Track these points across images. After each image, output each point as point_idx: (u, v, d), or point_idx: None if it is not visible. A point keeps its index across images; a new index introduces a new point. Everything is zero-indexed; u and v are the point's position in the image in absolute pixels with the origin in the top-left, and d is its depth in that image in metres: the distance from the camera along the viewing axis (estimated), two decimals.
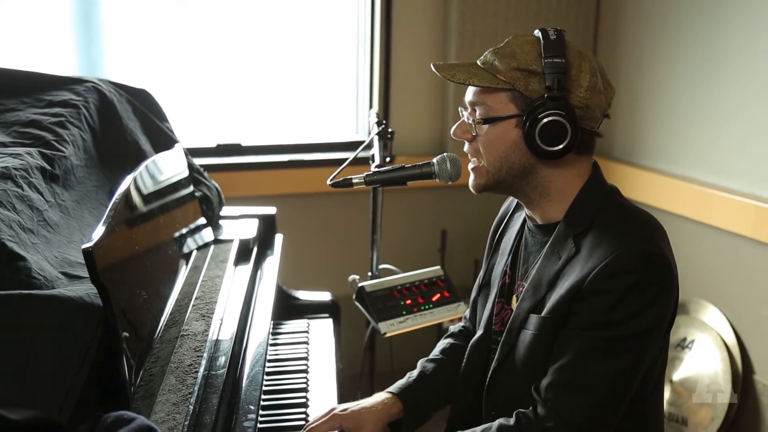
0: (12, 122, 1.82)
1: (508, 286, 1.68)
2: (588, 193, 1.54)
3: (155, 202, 1.66)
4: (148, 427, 1.01)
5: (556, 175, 1.53)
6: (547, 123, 1.45)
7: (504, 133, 1.51)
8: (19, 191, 1.47)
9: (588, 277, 1.44)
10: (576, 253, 1.49)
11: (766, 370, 2.99)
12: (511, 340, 1.57)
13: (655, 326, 1.46)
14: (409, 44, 3.56)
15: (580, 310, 1.46)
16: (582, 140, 1.49)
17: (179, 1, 3.34)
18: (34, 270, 1.27)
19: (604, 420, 1.47)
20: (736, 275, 3.08)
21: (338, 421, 1.64)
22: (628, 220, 1.52)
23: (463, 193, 1.77)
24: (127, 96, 2.17)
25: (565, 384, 1.46)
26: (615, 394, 1.46)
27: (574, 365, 1.46)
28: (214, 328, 1.56)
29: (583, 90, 1.47)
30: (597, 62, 1.52)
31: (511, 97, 1.50)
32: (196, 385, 1.33)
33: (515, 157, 1.52)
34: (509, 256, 1.68)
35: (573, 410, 1.45)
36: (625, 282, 1.42)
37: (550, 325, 1.49)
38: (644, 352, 1.46)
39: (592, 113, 1.50)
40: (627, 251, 1.43)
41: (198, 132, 3.42)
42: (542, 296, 1.53)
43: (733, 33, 3.02)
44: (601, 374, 1.44)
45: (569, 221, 1.53)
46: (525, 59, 1.48)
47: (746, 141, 3.01)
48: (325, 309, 2.38)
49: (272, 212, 2.37)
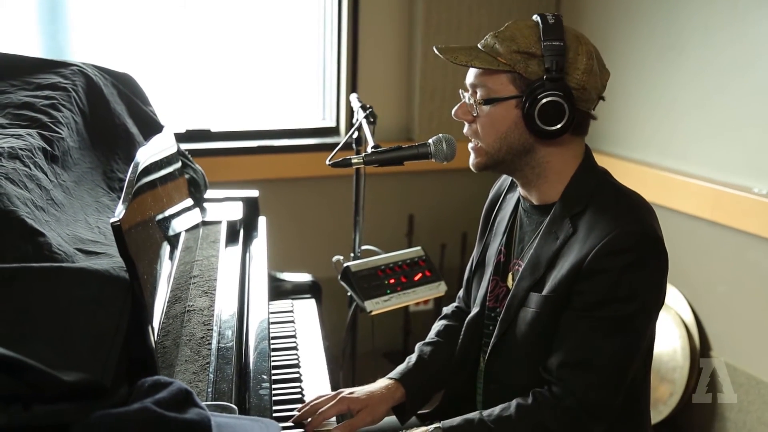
0: (5, 104, 1.82)
1: (503, 264, 1.74)
2: (583, 174, 1.61)
3: (158, 185, 1.69)
4: (185, 389, 1.06)
5: (554, 154, 1.60)
6: (546, 103, 1.52)
7: (504, 113, 1.58)
8: (28, 170, 1.49)
9: (588, 256, 1.51)
10: (573, 233, 1.56)
11: (722, 346, 3.13)
12: (511, 317, 1.63)
13: (654, 302, 1.55)
14: (375, 32, 3.62)
15: (582, 289, 1.52)
16: (578, 121, 1.57)
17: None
18: (55, 246, 1.29)
19: (614, 396, 1.55)
20: (695, 256, 3.21)
21: (346, 403, 1.69)
22: (623, 202, 1.59)
23: (429, 178, 1.84)
24: (111, 80, 2.18)
25: (576, 363, 1.53)
26: (622, 370, 1.54)
27: (584, 345, 1.52)
28: (219, 304, 1.61)
29: (580, 72, 1.55)
30: (593, 46, 1.59)
31: (511, 79, 1.56)
32: (212, 356, 1.38)
33: (514, 137, 1.58)
34: (504, 235, 1.75)
35: (587, 388, 1.52)
36: (624, 260, 1.49)
37: (552, 303, 1.56)
38: (645, 328, 1.55)
39: (588, 95, 1.57)
40: (624, 231, 1.50)
41: (167, 117, 3.41)
42: (541, 275, 1.59)
43: (690, 24, 3.15)
44: (609, 352, 1.51)
45: (565, 202, 1.60)
46: (525, 42, 1.54)
47: (704, 128, 3.14)
48: (307, 290, 2.43)
49: (255, 195, 2.41)
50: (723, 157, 3.05)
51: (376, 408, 1.70)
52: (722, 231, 3.04)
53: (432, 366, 1.82)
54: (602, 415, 1.53)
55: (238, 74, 3.57)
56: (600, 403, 1.53)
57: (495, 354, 1.68)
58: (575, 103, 1.54)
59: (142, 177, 1.51)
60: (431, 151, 1.74)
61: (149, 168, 1.64)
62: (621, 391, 1.55)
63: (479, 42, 1.61)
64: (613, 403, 1.55)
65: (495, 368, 1.68)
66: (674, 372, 3.20)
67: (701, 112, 3.14)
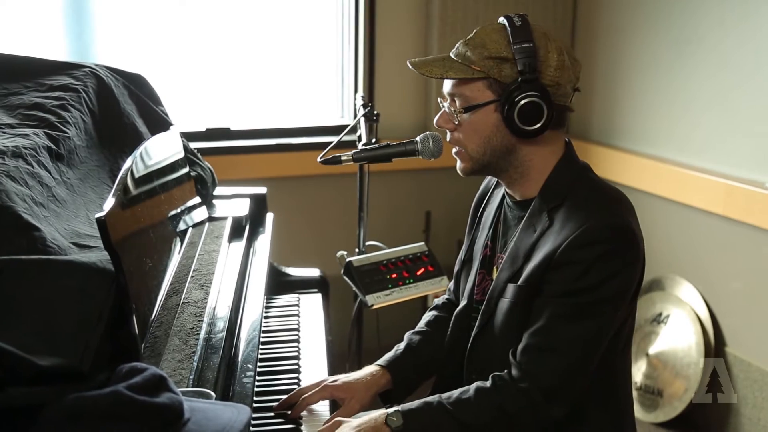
0: (16, 105, 1.90)
1: (489, 258, 1.79)
2: (561, 170, 1.66)
3: (155, 180, 1.76)
4: (159, 375, 1.12)
5: (535, 152, 1.64)
6: (524, 104, 1.56)
7: (484, 118, 1.62)
8: (30, 168, 1.56)
9: (560, 248, 1.55)
10: (549, 226, 1.60)
11: (737, 341, 3.13)
12: (491, 308, 1.68)
13: (621, 293, 1.58)
14: (392, 30, 3.67)
15: (552, 278, 1.57)
16: (556, 116, 1.60)
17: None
18: (49, 240, 1.37)
19: (574, 380, 1.58)
20: (709, 251, 3.21)
21: (329, 391, 1.75)
22: (598, 196, 1.63)
23: (446, 175, 1.89)
24: (123, 81, 2.25)
25: (538, 347, 1.57)
26: (584, 356, 1.57)
27: (546, 330, 1.57)
28: (213, 296, 1.67)
29: (553, 69, 1.59)
30: (561, 41, 1.63)
31: (487, 85, 1.61)
32: (198, 345, 1.44)
33: (497, 140, 1.63)
34: (490, 230, 1.79)
35: (545, 371, 1.56)
36: (594, 252, 1.53)
37: (525, 293, 1.60)
38: (611, 317, 1.58)
39: (563, 89, 1.61)
40: (596, 224, 1.55)
41: (188, 116, 3.51)
42: (519, 267, 1.64)
43: (705, 18, 3.14)
44: (571, 338, 1.56)
45: (544, 197, 1.65)
46: (495, 48, 1.59)
47: (716, 122, 3.14)
48: (315, 285, 2.48)
49: (263, 192, 2.47)
50: (736, 153, 3.05)
51: (362, 395, 1.75)
52: (736, 226, 3.04)
53: (419, 354, 1.86)
54: (560, 399, 1.57)
55: (257, 73, 3.64)
56: (558, 387, 1.56)
57: (476, 344, 1.72)
58: (552, 99, 1.58)
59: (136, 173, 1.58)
60: (418, 148, 1.79)
61: (146, 165, 1.71)
62: (583, 375, 1.59)
63: (451, 51, 1.65)
64: (573, 387, 1.58)
65: (477, 358, 1.72)
66: (689, 368, 3.20)
67: (716, 107, 3.13)
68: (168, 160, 1.93)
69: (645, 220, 1.72)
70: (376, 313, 2.53)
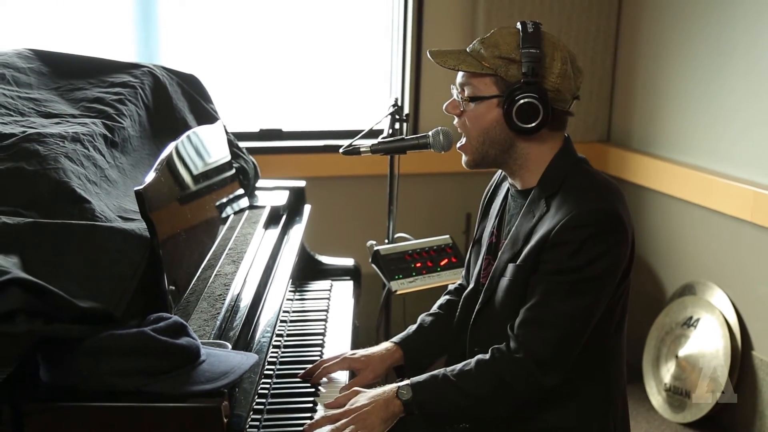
0: (80, 99, 2.15)
1: (494, 244, 1.94)
2: (558, 161, 1.81)
3: (196, 164, 1.96)
4: (181, 322, 1.32)
5: (532, 148, 1.80)
6: (523, 104, 1.72)
7: (487, 110, 1.79)
8: (86, 152, 1.79)
9: (553, 230, 1.71)
10: (546, 212, 1.76)
11: (764, 345, 3.19)
12: (493, 287, 1.85)
13: (609, 272, 1.73)
14: (438, 40, 3.83)
15: (546, 258, 1.73)
16: (554, 119, 1.76)
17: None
18: (98, 211, 1.59)
19: (564, 352, 1.73)
20: (737, 257, 3.28)
21: (348, 362, 1.94)
22: (591, 185, 1.79)
23: (485, 179, 2.07)
24: (177, 80, 2.49)
25: (532, 321, 1.73)
26: (574, 329, 1.72)
27: (540, 305, 1.73)
28: (243, 270, 1.87)
29: (555, 76, 1.74)
30: (569, 51, 1.79)
31: (494, 81, 1.77)
32: (223, 308, 1.64)
33: (496, 133, 1.79)
34: (496, 218, 1.96)
35: (539, 343, 1.72)
36: (583, 234, 1.69)
37: (523, 271, 1.77)
38: (599, 294, 1.73)
39: (563, 96, 1.77)
40: (586, 209, 1.71)
41: (242, 117, 3.74)
42: (519, 249, 1.80)
43: (739, 30, 3.23)
44: (562, 312, 1.71)
45: (542, 185, 1.81)
46: (506, 49, 1.75)
47: (747, 131, 3.21)
48: (348, 273, 2.66)
49: (302, 185, 2.66)
50: (763, 159, 3.12)
51: (377, 366, 1.94)
52: (762, 232, 3.11)
53: (430, 333, 2.04)
54: (553, 369, 1.72)
55: (311, 76, 3.85)
56: (550, 358, 1.72)
57: (478, 320, 1.89)
58: (550, 103, 1.74)
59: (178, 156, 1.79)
60: (430, 142, 1.96)
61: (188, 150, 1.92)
62: (573, 348, 1.74)
63: (468, 46, 1.82)
64: (564, 358, 1.73)
65: (479, 333, 1.89)
66: (716, 371, 3.27)
67: (745, 114, 3.21)
68: (211, 149, 2.14)
69: (678, 226, 1.84)
70: (403, 301, 2.70)
